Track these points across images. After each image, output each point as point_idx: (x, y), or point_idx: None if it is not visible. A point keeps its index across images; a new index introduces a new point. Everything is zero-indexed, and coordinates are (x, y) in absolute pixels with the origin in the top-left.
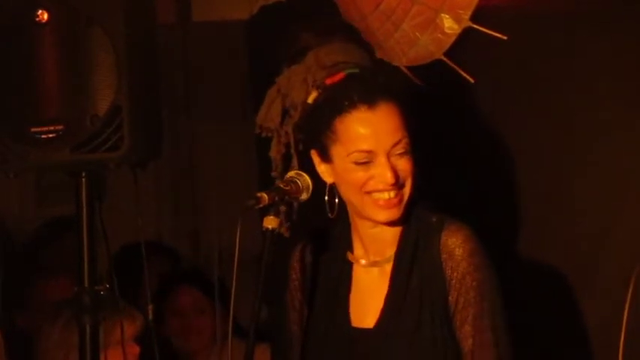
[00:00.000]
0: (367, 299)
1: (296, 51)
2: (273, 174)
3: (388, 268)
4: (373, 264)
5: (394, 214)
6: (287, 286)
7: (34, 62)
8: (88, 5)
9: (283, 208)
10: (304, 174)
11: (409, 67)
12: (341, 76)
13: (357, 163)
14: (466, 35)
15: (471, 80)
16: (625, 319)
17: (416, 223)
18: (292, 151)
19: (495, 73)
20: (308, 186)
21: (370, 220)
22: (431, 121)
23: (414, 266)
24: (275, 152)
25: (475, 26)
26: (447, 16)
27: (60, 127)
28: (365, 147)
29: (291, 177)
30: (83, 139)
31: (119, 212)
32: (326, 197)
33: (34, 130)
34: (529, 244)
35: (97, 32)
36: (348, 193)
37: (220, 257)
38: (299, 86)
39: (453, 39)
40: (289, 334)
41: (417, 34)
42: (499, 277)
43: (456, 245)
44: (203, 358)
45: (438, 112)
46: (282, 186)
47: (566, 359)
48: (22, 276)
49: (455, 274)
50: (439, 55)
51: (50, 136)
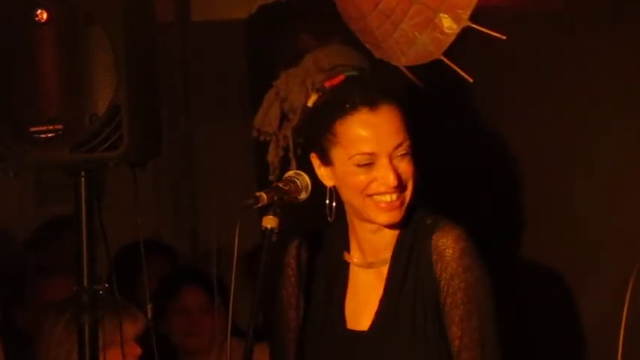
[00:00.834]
0: (362, 301)
1: (294, 53)
2: (271, 178)
3: (384, 270)
4: (369, 265)
5: (395, 216)
6: (283, 282)
7: (33, 62)
8: (88, 5)
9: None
10: (303, 173)
11: (408, 67)
12: (340, 78)
13: (359, 166)
14: (465, 35)
15: (470, 80)
16: (624, 319)
17: (413, 225)
18: (291, 154)
19: (494, 73)
20: (307, 185)
21: (371, 222)
22: (430, 121)
23: (409, 268)
24: (273, 156)
25: (474, 26)
26: (445, 15)
27: (59, 127)
28: (367, 149)
29: (290, 176)
30: (82, 138)
31: (118, 212)
32: (327, 201)
33: (33, 129)
34: (529, 243)
35: (96, 32)
36: (349, 196)
37: (219, 257)
38: (297, 89)
39: (452, 39)
40: (286, 332)
41: (416, 33)
42: (491, 278)
43: (446, 246)
44: (203, 357)
45: (437, 112)
46: (281, 185)
47: (565, 359)
48: (22, 275)
49: (444, 274)
50: (438, 54)
51: (49, 135)
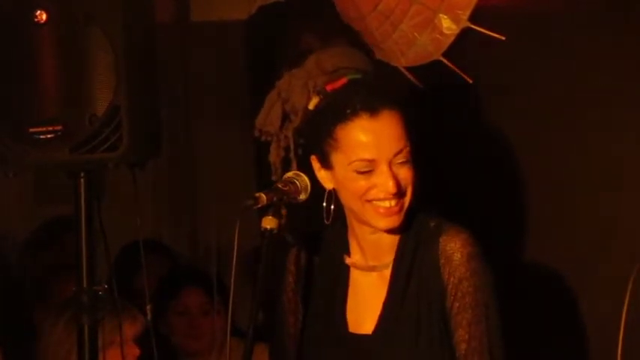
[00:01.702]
0: (365, 305)
1: (297, 54)
2: (273, 178)
3: (387, 273)
4: (371, 269)
5: (394, 221)
6: (283, 288)
7: (32, 62)
8: (87, 5)
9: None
10: (303, 174)
11: (408, 68)
12: (343, 82)
13: (359, 172)
14: (465, 36)
15: (470, 81)
16: (623, 320)
17: (415, 229)
18: (291, 155)
19: (494, 74)
20: (306, 186)
21: (370, 226)
22: (430, 122)
23: (412, 272)
24: (274, 156)
25: (473, 27)
26: (445, 16)
27: (58, 128)
28: (367, 156)
29: (289, 177)
30: (82, 139)
31: (118, 212)
32: (324, 204)
33: (32, 130)
34: (530, 244)
35: (95, 32)
36: (348, 200)
37: (219, 257)
38: (299, 91)
39: (451, 39)
40: (286, 338)
41: (416, 34)
42: (496, 282)
43: (454, 250)
44: (203, 358)
45: (437, 113)
46: (280, 186)
47: (565, 359)
48: (38, 275)
49: (452, 278)
50: (438, 55)
51: (49, 136)
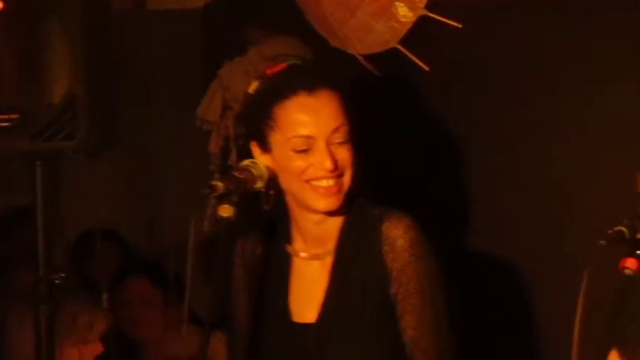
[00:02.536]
0: (308, 293)
1: (239, 44)
2: (211, 167)
3: (329, 260)
4: (314, 257)
5: (333, 202)
6: (232, 282)
7: None
8: None
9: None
10: (259, 162)
11: (364, 56)
12: (282, 66)
13: (297, 151)
14: (422, 23)
15: (426, 68)
16: (578, 317)
17: (358, 215)
18: (231, 144)
19: (451, 62)
20: (262, 175)
21: (310, 209)
22: (386, 109)
23: (355, 259)
24: (214, 146)
25: (430, 14)
26: (401, 4)
27: (15, 116)
28: (304, 132)
29: (245, 165)
30: (38, 127)
31: (75, 201)
32: (263, 189)
33: None
34: (484, 236)
35: (53, 22)
36: (287, 183)
37: (177, 246)
38: (240, 78)
39: (408, 27)
40: (238, 331)
41: (372, 22)
42: (441, 267)
43: (397, 236)
44: (156, 346)
45: (394, 100)
46: (236, 174)
47: (520, 352)
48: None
49: (396, 264)
50: (394, 43)
51: (5, 124)
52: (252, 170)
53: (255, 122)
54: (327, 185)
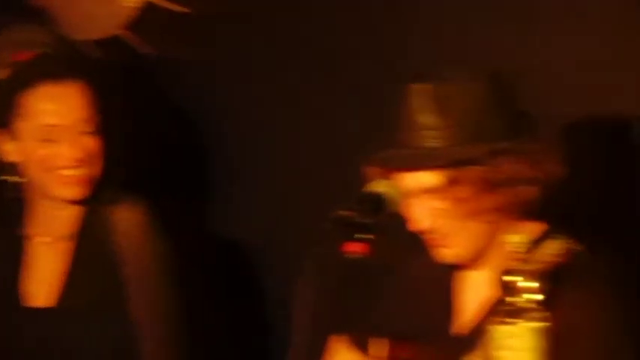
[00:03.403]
0: (42, 278)
1: None
2: None
3: (65, 246)
4: (50, 241)
5: (79, 192)
6: None
7: None
8: None
9: None
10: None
11: (90, 42)
12: (29, 54)
13: (43, 140)
14: (149, 9)
15: (153, 54)
16: (303, 301)
17: (94, 200)
18: None
19: (179, 46)
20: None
21: (55, 198)
22: (118, 96)
23: (92, 242)
24: None
25: (154, 1)
26: None
27: None
28: (49, 121)
29: None
30: None
31: None
32: (8, 177)
33: None
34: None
35: None
36: (33, 171)
37: None
38: None
39: (132, 13)
40: None
41: (96, 7)
42: (172, 252)
43: (128, 221)
44: None
45: (123, 86)
46: None
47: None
48: None
49: (127, 249)
50: (119, 29)
51: None
52: None
53: (1, 110)
54: (72, 174)
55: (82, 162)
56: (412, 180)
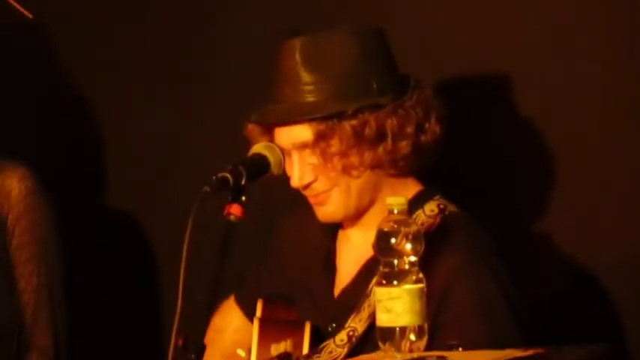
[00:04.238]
0: None
1: None
2: None
3: None
4: None
5: None
6: None
7: None
8: None
9: None
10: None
11: None
12: None
13: None
14: None
15: (29, 16)
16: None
17: None
18: None
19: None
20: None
21: None
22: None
23: None
24: None
25: None
26: None
27: None
28: None
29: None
30: None
31: None
32: None
33: None
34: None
35: None
36: None
37: None
38: None
39: None
40: None
41: None
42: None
43: (12, 186)
44: None
45: None
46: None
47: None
48: None
49: (10, 215)
50: None
51: None
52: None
53: None
54: None
55: None
56: (285, 135)
